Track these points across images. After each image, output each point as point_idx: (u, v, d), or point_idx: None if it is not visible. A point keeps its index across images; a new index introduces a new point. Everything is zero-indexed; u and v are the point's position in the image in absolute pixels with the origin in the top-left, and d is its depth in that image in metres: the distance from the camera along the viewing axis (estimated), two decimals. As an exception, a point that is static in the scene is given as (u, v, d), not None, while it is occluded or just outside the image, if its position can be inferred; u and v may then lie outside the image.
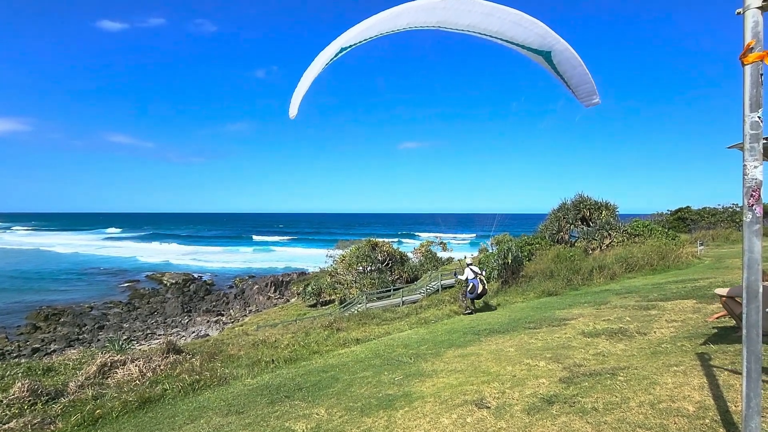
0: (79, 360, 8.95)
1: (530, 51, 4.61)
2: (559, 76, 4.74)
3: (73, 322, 34.95)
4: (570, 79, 4.71)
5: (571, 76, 4.70)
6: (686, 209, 37.35)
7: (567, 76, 4.68)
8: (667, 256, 17.31)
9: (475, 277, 12.00)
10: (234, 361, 8.64)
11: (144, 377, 7.50)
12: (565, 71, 4.66)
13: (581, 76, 4.69)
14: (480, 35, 4.49)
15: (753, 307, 2.40)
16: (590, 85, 4.78)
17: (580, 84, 4.73)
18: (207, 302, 43.75)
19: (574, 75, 4.69)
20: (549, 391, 4.53)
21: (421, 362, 6.79)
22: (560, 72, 4.69)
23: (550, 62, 4.68)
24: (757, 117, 2.36)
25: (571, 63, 4.61)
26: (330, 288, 35.66)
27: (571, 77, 4.70)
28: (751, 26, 2.38)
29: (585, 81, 4.73)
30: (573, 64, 4.62)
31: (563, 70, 4.65)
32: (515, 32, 4.42)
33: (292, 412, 5.26)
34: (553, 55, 4.59)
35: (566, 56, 4.56)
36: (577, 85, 4.74)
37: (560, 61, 4.61)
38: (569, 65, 4.63)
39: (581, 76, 4.69)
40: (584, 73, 4.67)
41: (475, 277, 12.01)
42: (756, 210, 2.38)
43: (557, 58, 4.60)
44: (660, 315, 7.77)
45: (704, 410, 3.60)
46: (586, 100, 4.94)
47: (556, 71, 4.72)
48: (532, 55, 4.66)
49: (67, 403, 6.44)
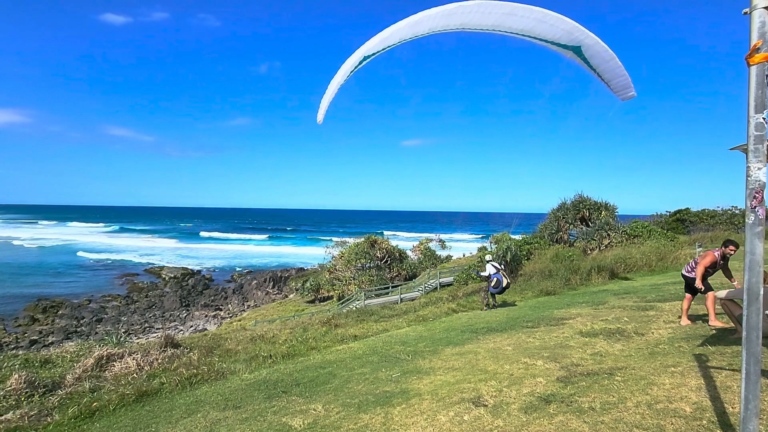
0: (76, 353, 8.94)
1: (560, 47, 4.62)
2: (592, 69, 4.72)
3: (71, 315, 34.92)
4: (603, 72, 4.72)
5: (604, 69, 4.70)
6: (685, 211, 37.30)
7: (600, 69, 4.69)
8: (665, 258, 17.34)
9: (497, 272, 12.20)
10: (231, 356, 8.64)
11: (141, 371, 7.50)
12: (597, 65, 4.66)
13: (614, 70, 4.69)
14: (505, 33, 4.48)
15: (753, 309, 2.39)
16: (624, 78, 4.78)
17: (613, 78, 4.75)
18: (205, 297, 43.74)
19: (607, 69, 4.69)
20: (546, 390, 4.53)
21: (418, 360, 6.79)
22: (593, 66, 4.69)
23: (582, 56, 4.65)
24: (761, 118, 2.35)
25: (602, 57, 4.60)
26: (328, 284, 35.67)
27: (604, 71, 4.70)
28: (757, 26, 2.36)
29: (618, 74, 4.74)
30: (605, 58, 4.61)
31: (595, 64, 4.66)
32: (541, 29, 4.40)
33: (290, 407, 5.26)
34: (584, 50, 4.55)
35: (597, 50, 4.56)
36: (611, 78, 4.75)
37: (591, 55, 4.60)
38: (601, 59, 4.62)
39: (614, 69, 4.69)
40: (617, 66, 4.67)
41: (497, 272, 12.22)
42: (759, 212, 2.37)
43: (588, 52, 4.57)
44: (658, 316, 7.78)
45: (701, 411, 3.60)
46: (621, 93, 4.93)
47: (588, 65, 4.72)
48: (563, 51, 4.65)
49: (64, 395, 6.44)
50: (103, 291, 43.90)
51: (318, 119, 4.28)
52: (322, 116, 4.22)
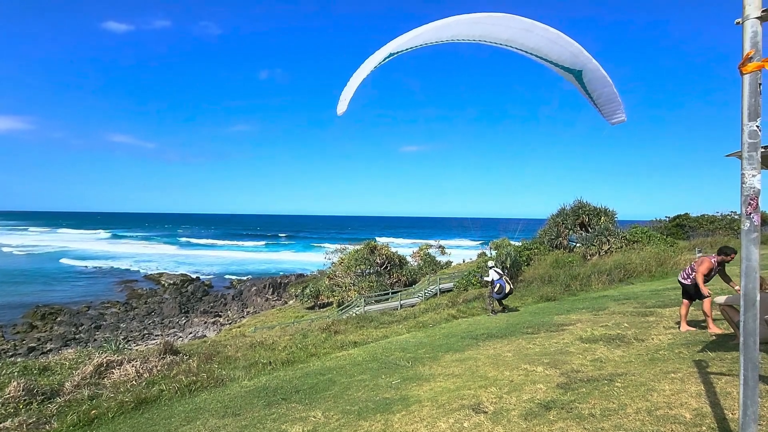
0: (75, 360, 8.92)
1: (562, 69, 4.86)
2: (587, 94, 4.94)
3: (69, 322, 34.77)
4: (598, 97, 4.97)
5: (600, 94, 4.96)
6: (685, 216, 37.34)
7: (596, 94, 4.94)
8: (665, 263, 17.34)
9: (500, 278, 12.28)
10: (231, 363, 8.61)
11: (140, 378, 7.47)
12: (594, 89, 4.92)
13: (609, 95, 4.96)
14: (516, 50, 4.67)
15: (750, 315, 2.41)
16: (617, 103, 5.04)
17: (606, 102, 5.00)
18: (205, 303, 43.58)
19: (603, 93, 4.95)
20: (546, 397, 4.53)
21: (418, 366, 6.78)
22: (589, 90, 4.97)
23: (581, 80, 4.90)
24: (755, 126, 2.38)
25: (601, 82, 4.85)
26: (328, 290, 35.58)
27: (600, 96, 4.96)
28: (750, 36, 2.40)
29: (612, 100, 5.00)
30: (603, 83, 4.86)
31: (592, 88, 4.91)
32: (550, 49, 4.59)
33: (289, 414, 5.25)
34: (584, 74, 4.79)
35: (597, 75, 4.79)
36: (604, 103, 5.00)
37: (590, 79, 4.83)
38: (599, 84, 4.86)
39: (609, 95, 4.95)
40: (612, 92, 4.93)
41: (500, 277, 12.29)
42: (754, 218, 2.39)
43: (588, 76, 4.80)
44: (658, 321, 7.78)
45: (701, 417, 3.60)
46: (612, 118, 5.15)
47: (584, 89, 4.97)
48: (564, 73, 4.90)
49: (62, 402, 6.42)
50: (102, 298, 43.74)
51: (339, 110, 4.35)
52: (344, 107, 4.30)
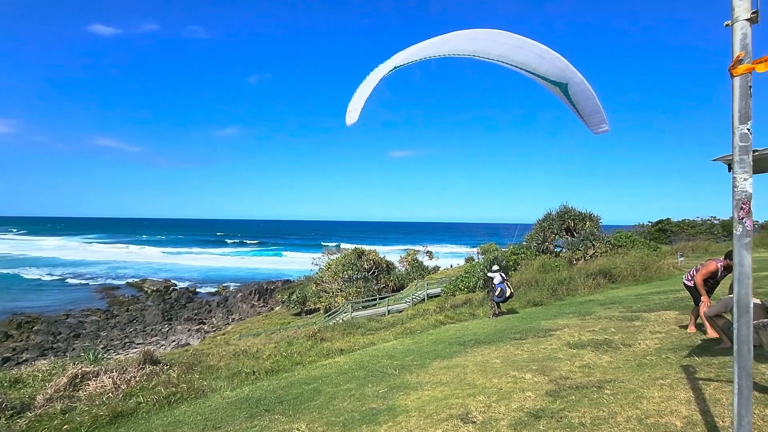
0: (49, 371, 8.54)
1: (549, 82, 5.05)
2: (573, 105, 5.22)
3: (47, 330, 33.69)
4: (583, 109, 5.22)
5: (584, 106, 5.16)
6: (666, 221, 38.14)
7: (580, 106, 5.18)
8: (649, 267, 17.58)
9: (503, 282, 12.53)
10: (213, 373, 8.35)
11: (118, 390, 7.17)
12: (578, 101, 5.12)
13: (593, 107, 5.16)
14: (506, 65, 4.84)
15: (743, 322, 2.35)
16: (600, 115, 5.24)
17: (591, 114, 5.25)
18: (189, 310, 42.76)
19: (587, 106, 5.15)
20: (535, 405, 4.44)
21: (405, 374, 6.65)
22: (574, 102, 5.17)
23: (566, 93, 5.11)
24: (746, 129, 2.34)
25: (585, 95, 5.04)
26: (315, 296, 35.23)
27: (584, 108, 5.18)
28: (739, 38, 2.36)
29: (596, 111, 5.20)
30: (587, 95, 5.05)
31: (577, 100, 5.11)
32: (538, 64, 4.78)
33: (272, 427, 5.06)
34: (569, 87, 4.99)
35: (581, 88, 4.98)
36: (589, 114, 5.31)
37: (575, 92, 5.03)
38: (583, 96, 5.05)
39: (593, 107, 5.15)
40: (596, 104, 5.13)
41: (503, 281, 12.54)
42: (746, 223, 2.35)
43: (573, 89, 5.01)
44: (644, 326, 7.79)
45: (692, 425, 3.55)
46: (595, 128, 5.42)
47: (570, 101, 5.18)
48: (550, 86, 5.12)
49: (33, 417, 6.10)
50: (82, 305, 42.57)
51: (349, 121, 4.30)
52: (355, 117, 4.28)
